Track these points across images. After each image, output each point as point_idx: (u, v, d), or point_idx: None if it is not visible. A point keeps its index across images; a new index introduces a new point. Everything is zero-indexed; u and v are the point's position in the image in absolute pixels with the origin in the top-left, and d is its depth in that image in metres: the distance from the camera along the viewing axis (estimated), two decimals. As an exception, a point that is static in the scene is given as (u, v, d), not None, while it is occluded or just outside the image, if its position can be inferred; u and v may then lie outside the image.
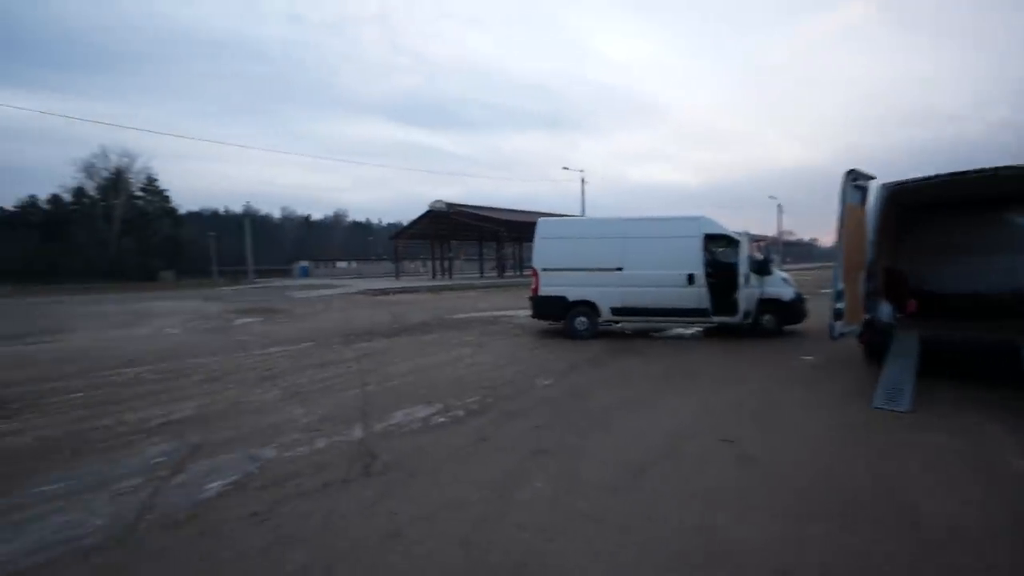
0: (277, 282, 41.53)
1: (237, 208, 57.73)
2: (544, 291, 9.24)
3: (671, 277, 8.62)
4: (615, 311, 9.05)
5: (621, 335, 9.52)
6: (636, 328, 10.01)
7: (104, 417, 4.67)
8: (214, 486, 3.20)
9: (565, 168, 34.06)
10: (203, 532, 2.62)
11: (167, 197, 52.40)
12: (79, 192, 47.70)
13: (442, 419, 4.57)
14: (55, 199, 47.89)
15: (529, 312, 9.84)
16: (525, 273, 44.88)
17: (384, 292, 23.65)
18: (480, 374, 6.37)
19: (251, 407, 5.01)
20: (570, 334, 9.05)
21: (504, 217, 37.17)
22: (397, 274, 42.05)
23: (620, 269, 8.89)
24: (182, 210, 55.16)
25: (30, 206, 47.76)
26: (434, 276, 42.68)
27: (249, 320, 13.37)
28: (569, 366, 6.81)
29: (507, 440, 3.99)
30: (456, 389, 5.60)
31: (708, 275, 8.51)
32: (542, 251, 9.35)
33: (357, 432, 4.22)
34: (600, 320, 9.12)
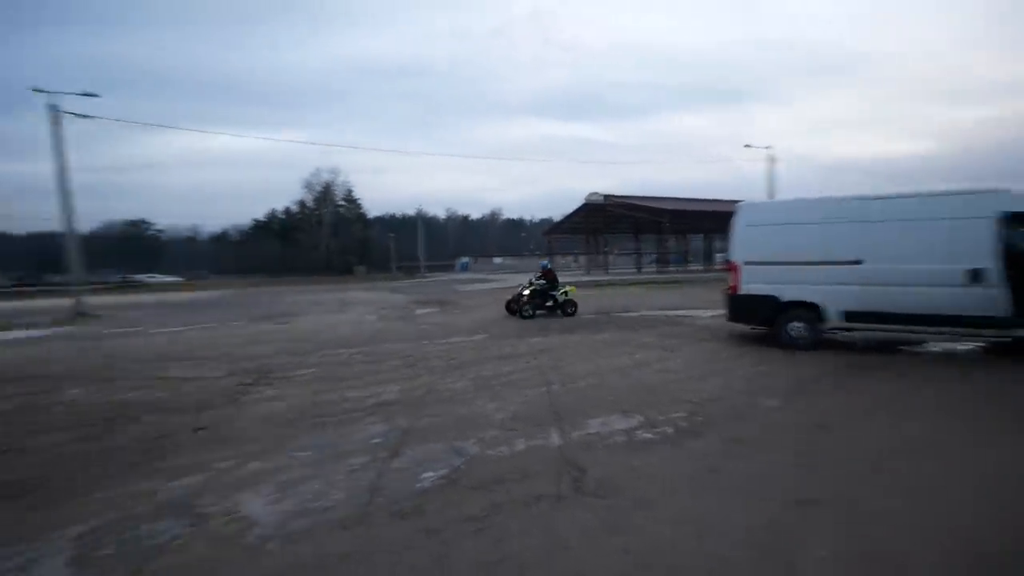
0: (443, 276, 46.90)
1: (411, 211, 67.48)
2: (747, 289, 7.82)
3: (942, 273, 6.35)
4: (849, 316, 7.10)
5: (847, 346, 7.47)
6: (867, 338, 7.78)
7: (332, 392, 5.50)
8: (428, 476, 3.29)
9: (747, 146, 29.21)
10: (428, 531, 2.62)
11: (360, 205, 64.58)
12: (301, 204, 62.38)
13: (648, 435, 4.03)
14: (287, 211, 63.60)
15: (718, 313, 8.52)
16: (692, 268, 40.96)
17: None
18: (676, 384, 5.61)
19: (445, 395, 5.29)
20: (783, 342, 7.45)
21: (666, 206, 34.44)
22: (550, 268, 42.95)
23: (858, 262, 6.93)
24: (370, 215, 67.27)
25: (271, 217, 64.48)
26: (589, 271, 42.30)
27: (427, 311, 15.08)
28: (795, 384, 5.51)
29: (746, 477, 3.21)
30: (651, 399, 4.99)
31: (1008, 270, 6.01)
32: (746, 241, 7.91)
33: (554, 438, 3.98)
34: (825, 327, 7.28)
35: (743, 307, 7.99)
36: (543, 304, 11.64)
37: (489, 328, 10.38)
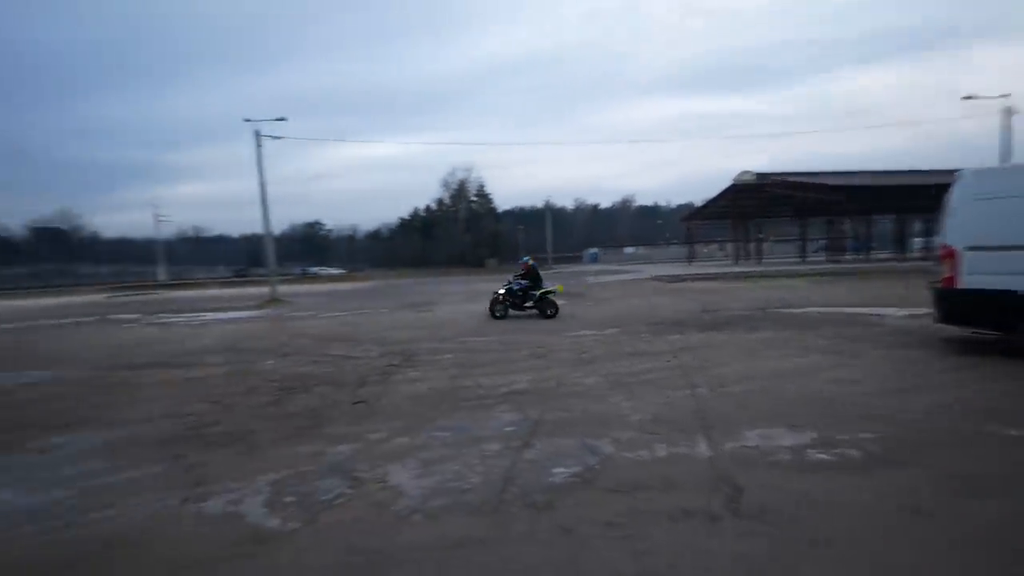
0: (571, 267, 46.94)
1: (539, 203, 69.09)
2: (970, 282, 6.04)
3: None
4: None
5: None
6: None
7: (468, 378, 5.83)
8: (561, 472, 3.22)
9: (969, 97, 22.43)
10: (563, 528, 2.53)
11: (490, 200, 68.45)
12: (440, 202, 68.63)
13: (824, 456, 3.35)
14: (428, 208, 70.58)
15: (916, 312, 6.76)
16: (879, 257, 33.66)
17: (678, 279, 22.54)
18: (861, 397, 4.59)
19: (575, 390, 5.18)
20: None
21: (842, 182, 28.86)
22: (690, 259, 39.72)
23: None
24: (500, 209, 70.80)
25: (414, 215, 72.22)
26: (736, 260, 37.98)
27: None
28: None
29: (972, 528, 2.42)
30: (826, 413, 4.17)
31: None
32: (969, 219, 6.09)
33: (702, 447, 3.56)
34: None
35: (964, 305, 6.22)
36: (521, 304, 11.11)
37: (622, 322, 9.95)
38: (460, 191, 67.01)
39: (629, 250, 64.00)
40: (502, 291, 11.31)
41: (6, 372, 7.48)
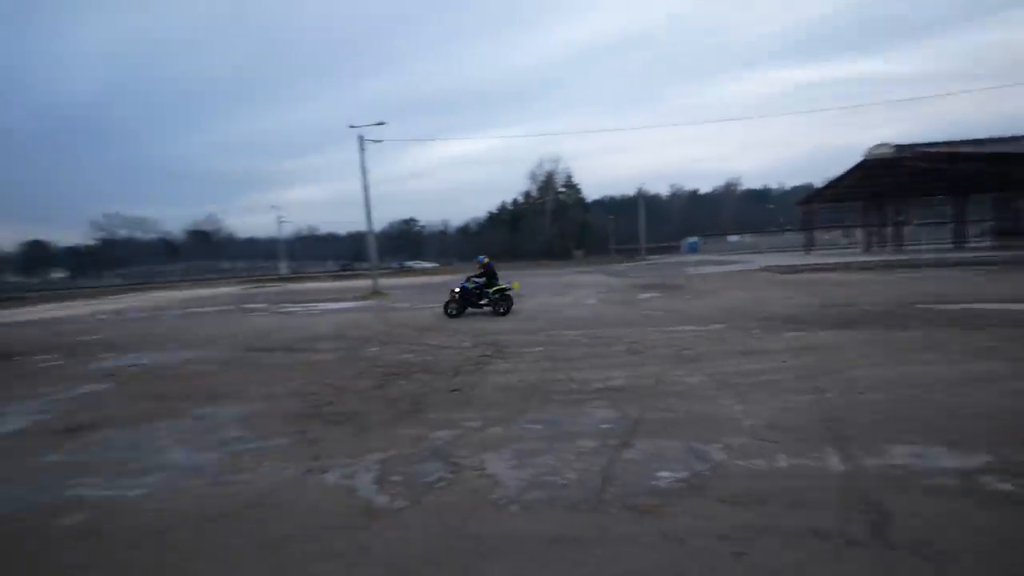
0: (667, 258, 44.68)
1: (630, 191, 66.58)
2: None
3: None
4: None
5: None
6: None
7: (559, 372, 5.80)
8: (665, 476, 3.05)
9: None
10: (669, 536, 2.39)
11: (579, 190, 67.65)
12: (527, 194, 69.38)
13: (1006, 487, 2.75)
14: (515, 201, 71.73)
15: None
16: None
17: (793, 269, 20.24)
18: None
19: (677, 389, 4.89)
20: None
21: (1010, 149, 23.56)
22: (808, 247, 35.44)
23: None
24: (589, 199, 69.60)
25: (502, 208, 73.81)
26: (868, 247, 33.16)
27: (651, 295, 14.54)
28: None
29: None
30: (1004, 432, 3.43)
31: None
32: None
33: (833, 461, 3.14)
34: None
35: None
36: (476, 302, 11.13)
37: (728, 317, 9.19)
38: (547, 183, 67.10)
39: (734, 238, 58.86)
40: (457, 289, 11.30)
41: (169, 352, 9.07)
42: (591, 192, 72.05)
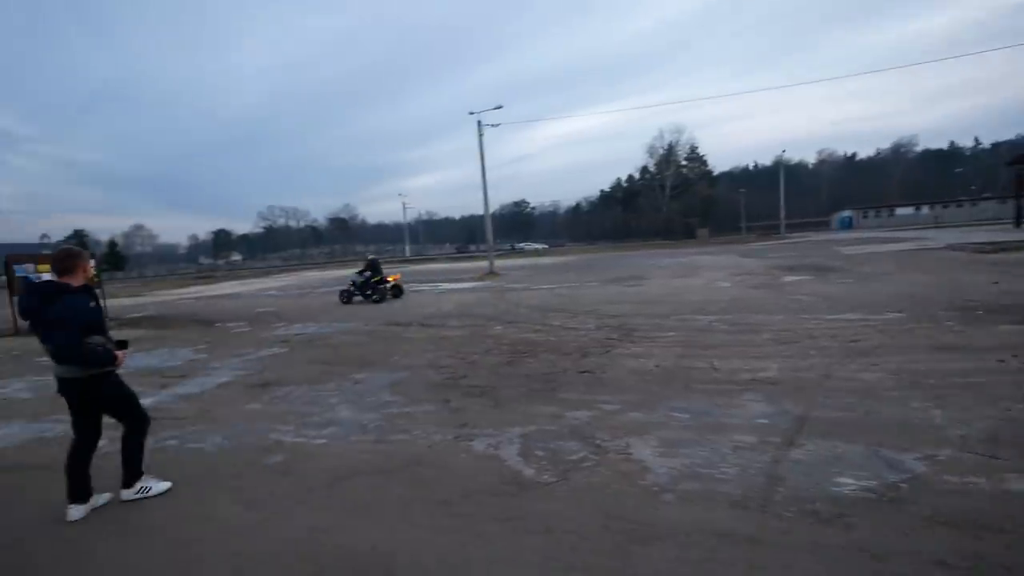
0: (813, 236, 39.30)
1: (767, 160, 59.41)
2: None
3: None
4: None
5: None
6: None
7: (698, 359, 5.46)
8: (848, 483, 2.70)
9: None
10: (865, 551, 2.11)
11: (704, 162, 62.36)
12: (643, 170, 66.00)
13: None
14: (630, 178, 68.76)
15: None
16: None
17: (998, 247, 16.26)
18: None
19: (850, 386, 4.28)
20: None
21: None
22: (1020, 219, 28.17)
23: None
24: (716, 172, 63.71)
25: (616, 186, 71.27)
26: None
27: (798, 278, 12.91)
28: None
29: None
30: None
31: None
32: None
33: (1099, 492, 2.47)
34: None
35: None
36: (363, 292, 13.49)
37: (910, 306, 7.76)
38: (668, 156, 62.93)
39: (904, 211, 49.02)
40: (351, 282, 13.77)
41: (324, 323, 10.55)
42: (719, 163, 65.86)
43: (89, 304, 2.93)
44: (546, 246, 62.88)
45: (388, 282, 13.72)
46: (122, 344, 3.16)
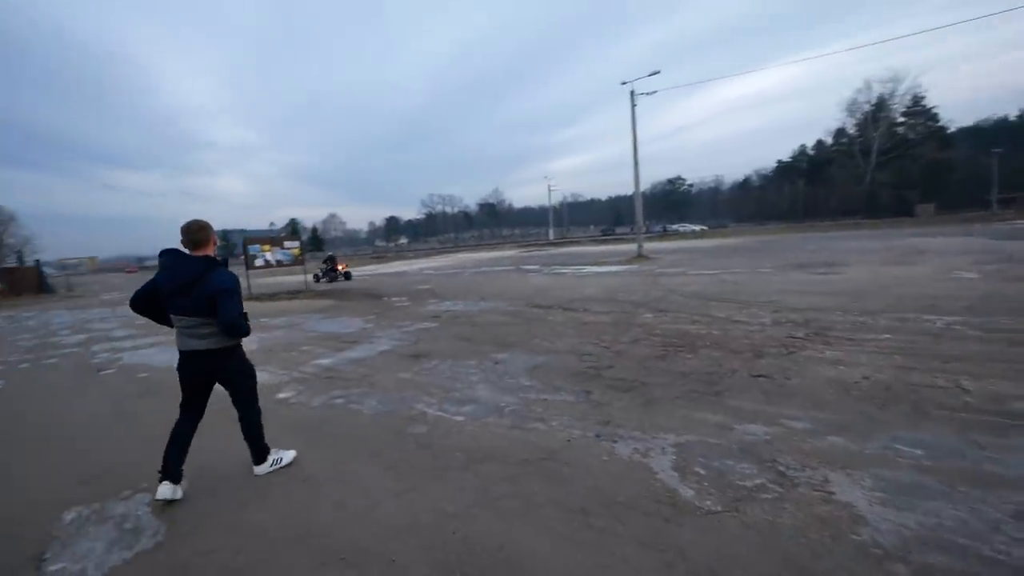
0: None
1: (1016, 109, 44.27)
2: None
3: None
4: None
5: None
6: None
7: (932, 375, 4.14)
8: None
9: None
10: None
11: (934, 116, 48.95)
12: (839, 133, 54.87)
13: None
14: (818, 144, 58.04)
15: None
16: None
17: None
18: None
19: None
20: None
21: None
22: None
23: None
24: (952, 128, 49.60)
25: (798, 155, 60.91)
26: None
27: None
28: None
29: None
30: None
31: None
32: None
33: None
34: None
35: None
36: (327, 276, 20.25)
37: None
38: (875, 113, 51.14)
39: None
40: (318, 270, 19.85)
41: (470, 302, 11.09)
42: (956, 118, 51.40)
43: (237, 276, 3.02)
44: (704, 228, 57.36)
45: (338, 270, 20.21)
46: (245, 316, 3.20)
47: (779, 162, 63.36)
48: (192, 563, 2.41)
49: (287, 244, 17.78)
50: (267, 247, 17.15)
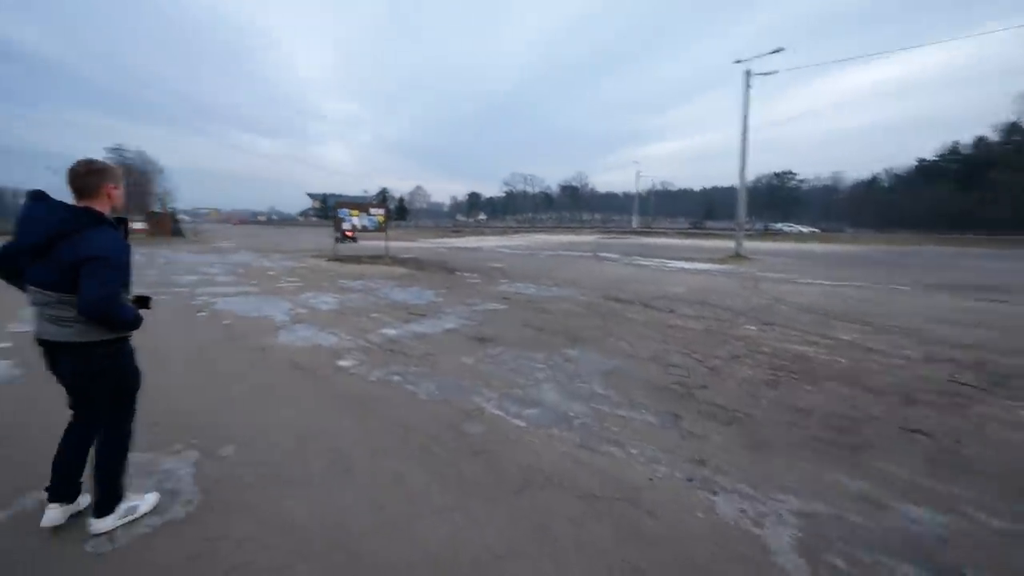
0: None
1: None
2: None
3: None
4: None
5: None
6: None
7: None
8: None
9: None
10: None
11: None
12: (1011, 129, 45.92)
13: None
14: (979, 142, 49.22)
15: None
16: None
17: None
18: None
19: None
20: None
21: None
22: None
23: None
24: None
25: (948, 153, 52.22)
26: None
27: None
28: None
29: None
30: None
31: None
32: None
33: None
34: None
35: None
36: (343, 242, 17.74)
37: None
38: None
39: None
40: (337, 236, 17.52)
41: (543, 287, 10.52)
42: None
43: (126, 243, 2.14)
44: (815, 230, 51.67)
45: (347, 236, 18.06)
46: (143, 301, 2.34)
47: (920, 161, 54.93)
48: (216, 550, 2.18)
49: (373, 211, 18.32)
50: (355, 212, 17.83)
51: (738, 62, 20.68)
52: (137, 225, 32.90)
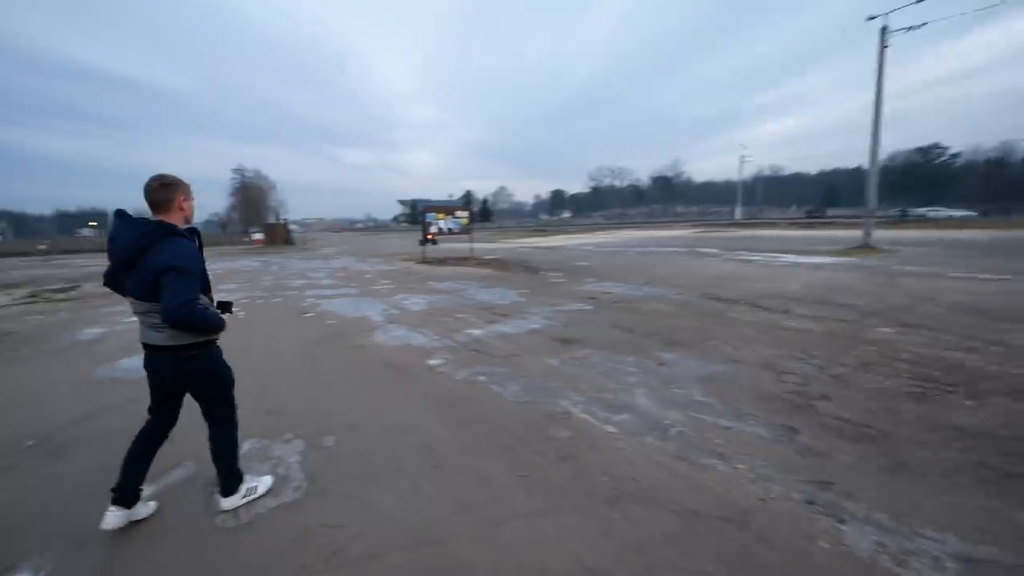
0: None
1: None
2: None
3: None
4: None
5: None
6: None
7: None
8: None
9: None
10: None
11: None
12: None
13: None
14: None
15: None
16: None
17: None
18: None
19: None
20: None
21: None
22: None
23: None
24: None
25: None
26: None
27: None
28: None
29: None
30: None
31: None
32: None
33: None
34: None
35: None
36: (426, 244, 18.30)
37: None
38: None
39: None
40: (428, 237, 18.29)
41: (633, 285, 10.12)
42: None
43: (199, 252, 2.31)
44: (972, 214, 44.24)
45: (428, 238, 18.26)
46: (226, 306, 2.53)
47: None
48: (316, 534, 2.37)
49: (458, 213, 19.02)
50: (441, 215, 18.66)
51: (871, 18, 18.28)
52: (256, 236, 37.57)
